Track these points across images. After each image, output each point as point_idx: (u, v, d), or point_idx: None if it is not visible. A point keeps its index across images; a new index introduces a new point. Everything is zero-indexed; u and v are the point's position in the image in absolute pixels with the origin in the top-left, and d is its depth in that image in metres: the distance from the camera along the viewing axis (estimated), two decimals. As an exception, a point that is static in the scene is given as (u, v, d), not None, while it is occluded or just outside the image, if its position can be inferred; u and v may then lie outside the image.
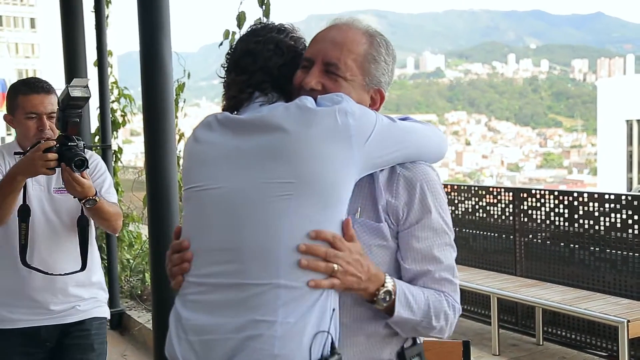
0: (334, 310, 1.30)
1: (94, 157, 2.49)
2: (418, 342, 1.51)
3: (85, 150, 2.47)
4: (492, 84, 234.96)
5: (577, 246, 4.79)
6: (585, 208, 4.72)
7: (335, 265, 1.27)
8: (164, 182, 2.91)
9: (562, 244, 4.89)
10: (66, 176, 2.16)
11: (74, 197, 2.26)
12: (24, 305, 2.36)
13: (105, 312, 2.55)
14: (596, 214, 4.64)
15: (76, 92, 2.12)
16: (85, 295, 2.46)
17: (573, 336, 4.78)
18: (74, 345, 2.44)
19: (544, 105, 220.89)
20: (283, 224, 1.27)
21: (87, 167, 2.19)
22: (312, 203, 1.28)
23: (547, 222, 4.99)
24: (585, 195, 4.76)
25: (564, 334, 4.84)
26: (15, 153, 2.38)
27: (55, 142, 2.19)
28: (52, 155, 2.15)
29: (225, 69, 1.52)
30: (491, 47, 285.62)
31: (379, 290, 1.33)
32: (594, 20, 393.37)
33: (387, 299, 1.34)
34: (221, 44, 3.53)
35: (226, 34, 3.56)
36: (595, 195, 4.70)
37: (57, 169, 2.18)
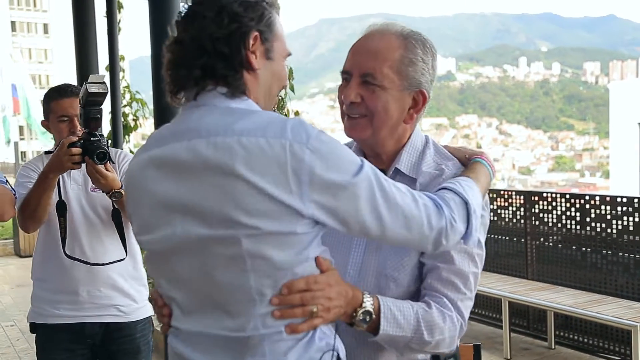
0: (336, 326, 1.26)
1: (128, 156, 2.58)
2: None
3: (120, 150, 2.62)
4: (503, 87, 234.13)
5: (589, 249, 4.76)
6: (597, 211, 4.69)
7: (314, 307, 1.21)
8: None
9: (573, 247, 4.87)
10: (90, 169, 2.25)
11: (102, 191, 2.34)
12: (68, 301, 2.44)
13: (148, 311, 2.61)
14: (608, 217, 4.62)
15: (94, 88, 2.20)
16: (127, 290, 2.52)
17: (585, 340, 4.75)
18: (122, 350, 2.53)
19: (555, 109, 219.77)
20: (247, 281, 1.16)
21: (110, 160, 2.29)
22: (269, 247, 1.14)
23: (559, 225, 4.97)
24: (597, 198, 4.74)
25: (576, 337, 4.81)
26: (46, 152, 2.53)
27: (78, 138, 2.28)
28: (76, 150, 2.24)
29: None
30: (502, 50, 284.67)
31: (357, 311, 1.28)
32: (606, 23, 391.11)
33: (367, 319, 1.29)
34: None
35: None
36: (607, 199, 4.67)
37: (82, 164, 2.27)
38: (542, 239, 5.13)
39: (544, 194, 5.15)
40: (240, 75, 1.23)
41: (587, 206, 4.76)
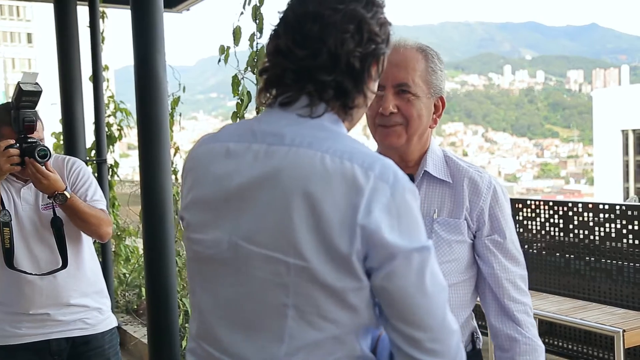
0: None
1: (77, 164, 2.44)
2: (478, 346, 1.64)
3: (69, 157, 2.48)
4: (488, 95, 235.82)
5: (572, 256, 4.79)
6: (580, 218, 4.73)
7: None
8: (159, 196, 2.92)
9: (557, 254, 4.90)
10: (31, 170, 2.15)
11: (47, 195, 2.23)
12: (30, 320, 2.33)
13: (113, 322, 2.54)
14: (591, 224, 4.66)
15: (28, 87, 2.10)
16: (90, 304, 2.43)
17: (570, 346, 4.78)
18: None
19: (540, 116, 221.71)
20: (284, 319, 1.06)
21: (50, 157, 2.19)
22: (317, 286, 1.04)
23: (543, 232, 5.01)
24: (580, 205, 4.78)
25: (560, 344, 4.84)
26: None
27: (14, 141, 2.17)
28: (14, 151, 2.14)
29: (275, 30, 1.13)
30: (487, 58, 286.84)
31: None
32: (589, 32, 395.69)
33: None
34: (219, 60, 3.55)
35: (221, 49, 3.58)
36: (590, 206, 4.71)
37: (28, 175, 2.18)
38: (526, 246, 5.15)
39: (528, 202, 5.19)
40: (357, 99, 1.12)
41: (570, 213, 4.80)
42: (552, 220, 4.93)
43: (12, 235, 2.25)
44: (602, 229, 4.58)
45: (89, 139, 5.09)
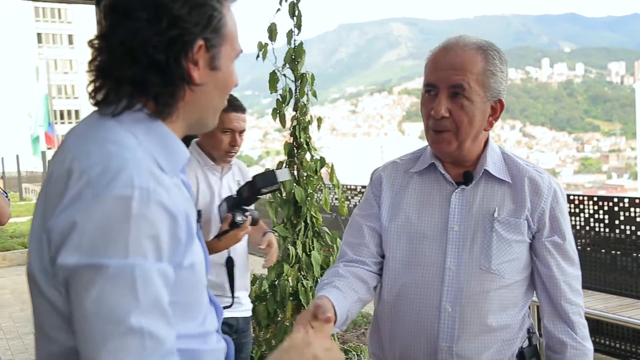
0: None
1: None
2: (534, 342, 1.61)
3: None
4: (526, 89, 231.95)
5: (619, 252, 4.67)
6: (627, 214, 4.61)
7: None
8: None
9: (603, 250, 4.78)
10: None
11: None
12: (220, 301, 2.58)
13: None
14: (638, 219, 4.53)
15: (283, 176, 2.36)
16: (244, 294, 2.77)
17: (617, 345, 4.66)
18: None
19: (580, 110, 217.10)
20: (44, 320, 1.02)
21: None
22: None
23: (587, 228, 4.89)
24: (626, 200, 4.65)
25: (608, 342, 4.72)
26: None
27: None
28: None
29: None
30: (524, 51, 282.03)
31: None
32: (630, 22, 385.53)
33: None
34: (258, 56, 3.56)
35: (260, 46, 3.58)
36: (637, 201, 4.58)
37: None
38: (570, 243, 5.05)
39: (571, 197, 5.07)
40: (175, 92, 1.01)
41: (616, 209, 4.68)
42: (596, 216, 4.81)
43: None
44: (650, 224, 4.45)
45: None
